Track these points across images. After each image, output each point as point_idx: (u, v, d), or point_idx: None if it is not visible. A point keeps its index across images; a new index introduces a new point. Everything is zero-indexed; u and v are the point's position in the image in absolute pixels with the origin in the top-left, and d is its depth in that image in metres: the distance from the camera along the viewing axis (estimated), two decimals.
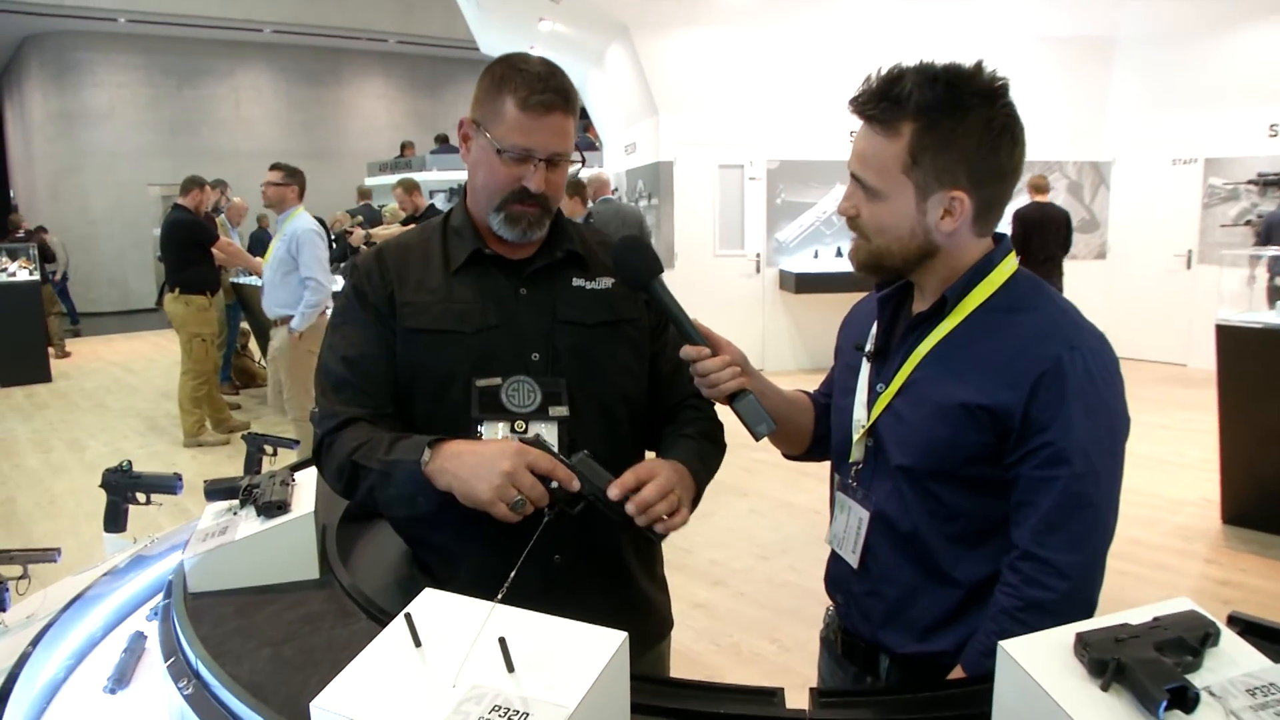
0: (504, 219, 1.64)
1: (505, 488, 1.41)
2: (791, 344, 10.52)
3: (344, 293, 1.75)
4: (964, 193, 1.41)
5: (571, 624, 1.11)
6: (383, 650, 1.09)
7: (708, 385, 1.57)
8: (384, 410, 1.66)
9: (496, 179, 1.63)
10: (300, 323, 6.07)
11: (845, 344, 1.73)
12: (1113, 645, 1.03)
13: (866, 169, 1.46)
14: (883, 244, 1.48)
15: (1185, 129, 10.03)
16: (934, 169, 1.41)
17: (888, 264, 1.50)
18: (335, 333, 1.71)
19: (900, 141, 1.41)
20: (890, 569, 1.55)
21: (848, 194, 1.51)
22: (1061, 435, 1.35)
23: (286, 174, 6.25)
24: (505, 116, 1.59)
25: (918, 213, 1.44)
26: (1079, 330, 1.42)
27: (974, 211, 1.43)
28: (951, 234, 1.45)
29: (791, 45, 10.06)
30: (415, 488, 1.48)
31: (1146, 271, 10.34)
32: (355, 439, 1.58)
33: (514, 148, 1.60)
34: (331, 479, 1.63)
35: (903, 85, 1.39)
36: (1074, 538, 1.36)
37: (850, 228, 1.53)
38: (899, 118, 1.40)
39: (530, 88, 1.58)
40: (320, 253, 6.12)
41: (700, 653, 3.97)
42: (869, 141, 1.45)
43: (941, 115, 1.38)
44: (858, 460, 1.60)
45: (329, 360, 1.69)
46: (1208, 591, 4.60)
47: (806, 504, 5.78)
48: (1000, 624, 1.37)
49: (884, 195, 1.45)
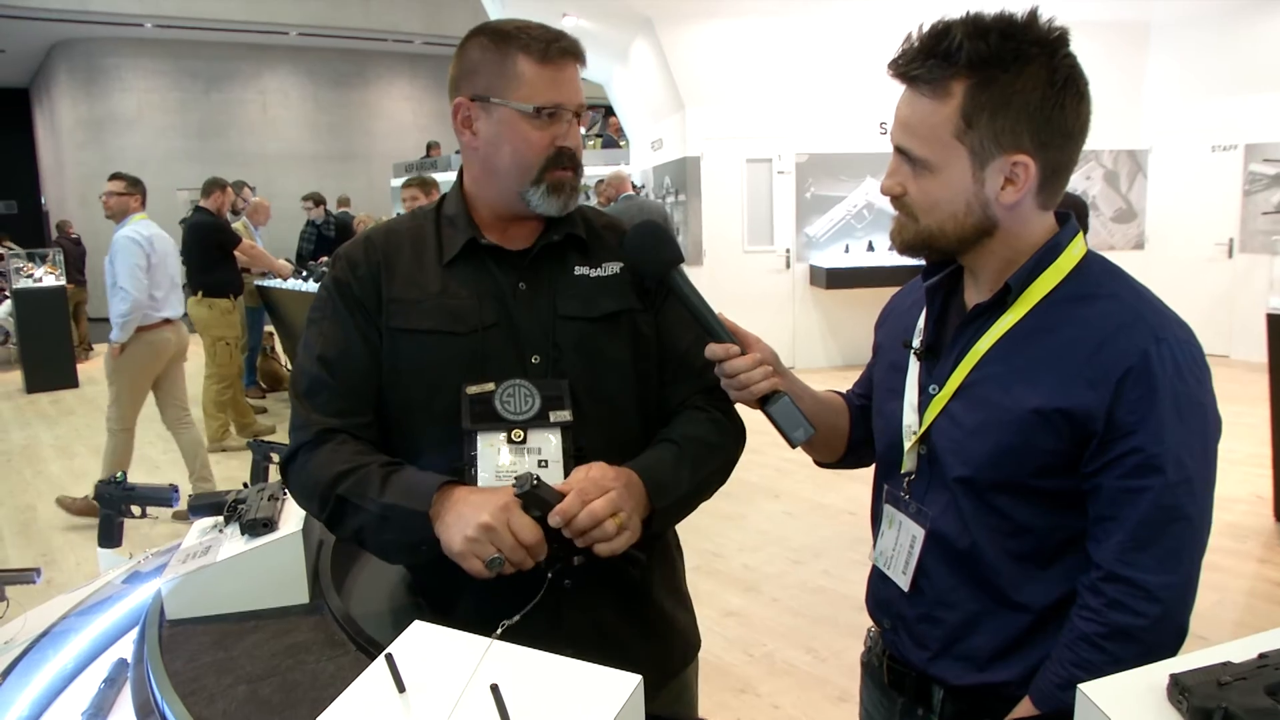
0: (546, 190, 1.49)
1: (481, 543, 1.26)
2: (823, 341, 10.36)
3: (324, 284, 1.57)
4: (1028, 156, 1.25)
5: (578, 665, 0.97)
6: (361, 696, 0.95)
7: (737, 387, 1.42)
8: (363, 418, 1.49)
9: (531, 146, 1.47)
10: (118, 334, 5.78)
11: (888, 340, 1.56)
12: (1216, 690, 0.87)
13: (913, 138, 1.29)
14: (933, 223, 1.31)
15: (1224, 114, 9.78)
16: (992, 131, 1.24)
17: (939, 245, 1.33)
18: (312, 329, 1.54)
19: (951, 103, 1.24)
20: (947, 592, 1.38)
21: (891, 170, 1.34)
22: (1152, 440, 1.20)
23: (128, 184, 6.10)
24: (523, 76, 1.46)
25: (974, 183, 1.27)
26: (1164, 319, 1.26)
27: (1039, 179, 1.27)
28: (1013, 207, 1.28)
29: (819, 35, 9.89)
30: (420, 536, 1.32)
31: (1186, 261, 10.08)
32: (337, 464, 1.40)
33: (548, 104, 1.46)
34: (303, 501, 1.46)
35: (951, 38, 1.23)
36: (1166, 556, 1.21)
37: (895, 207, 1.36)
38: (949, 76, 1.24)
39: (545, 40, 1.46)
40: (133, 261, 5.78)
41: (732, 664, 3.81)
42: (914, 106, 1.29)
43: (998, 69, 1.22)
44: (910, 470, 1.43)
45: (304, 361, 1.52)
46: (1264, 593, 4.42)
47: (840, 506, 5.62)
48: (1079, 652, 1.22)
49: (935, 167, 1.28)
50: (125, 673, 1.53)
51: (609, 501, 1.31)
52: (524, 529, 1.26)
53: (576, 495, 1.30)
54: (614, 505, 1.31)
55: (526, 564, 1.27)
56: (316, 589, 1.48)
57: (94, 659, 1.66)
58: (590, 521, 1.29)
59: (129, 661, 1.54)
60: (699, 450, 1.52)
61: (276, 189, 18.11)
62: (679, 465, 1.48)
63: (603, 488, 1.32)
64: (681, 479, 1.47)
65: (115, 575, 2.02)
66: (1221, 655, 0.94)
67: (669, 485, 1.44)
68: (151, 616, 1.43)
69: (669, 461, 1.47)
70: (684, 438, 1.53)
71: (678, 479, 1.46)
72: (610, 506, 1.31)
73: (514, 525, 1.26)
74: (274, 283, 8.70)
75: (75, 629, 1.72)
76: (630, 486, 1.37)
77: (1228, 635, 1.00)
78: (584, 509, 1.29)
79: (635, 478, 1.40)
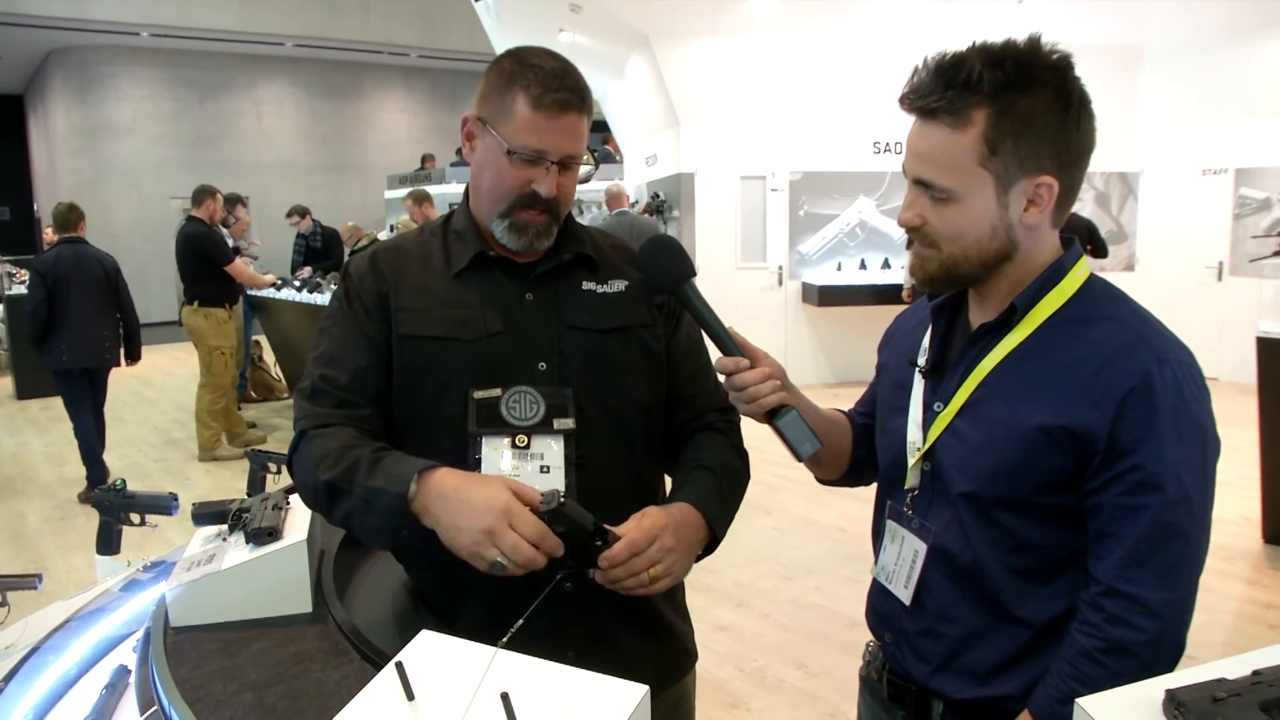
0: (509, 226, 1.52)
1: (485, 545, 1.26)
2: (814, 358, 10.37)
3: (334, 296, 1.62)
4: (1051, 176, 1.28)
5: (586, 675, 0.98)
6: (371, 703, 0.97)
7: (746, 400, 1.44)
8: (363, 410, 1.52)
9: (504, 182, 1.50)
10: None
11: (892, 359, 1.59)
12: (1211, 706, 0.89)
13: (934, 169, 1.31)
14: (957, 251, 1.33)
15: (1215, 139, 9.85)
16: (1016, 155, 1.27)
17: (963, 273, 1.36)
18: (321, 336, 1.59)
19: (973, 131, 1.27)
20: (949, 607, 1.40)
21: (908, 203, 1.36)
22: (1152, 459, 1.22)
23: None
24: (516, 115, 1.47)
25: (999, 208, 1.30)
26: (1165, 342, 1.28)
27: (1059, 197, 1.31)
28: (1034, 227, 1.32)
29: (814, 54, 9.93)
30: (400, 521, 1.33)
31: (1176, 283, 10.12)
32: (328, 448, 1.42)
33: (525, 149, 1.47)
34: (300, 490, 1.49)
35: (968, 68, 1.26)
36: (1165, 572, 1.23)
37: (915, 239, 1.37)
38: (970, 105, 1.27)
39: (544, 85, 1.46)
40: None
41: (724, 679, 3.82)
42: (933, 138, 1.30)
43: (1016, 94, 1.25)
44: (913, 486, 1.45)
45: (311, 364, 1.56)
46: (1251, 615, 4.44)
47: (832, 522, 5.62)
48: (1078, 667, 1.24)
49: (958, 195, 1.30)
50: (126, 679, 1.53)
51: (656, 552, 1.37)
52: (527, 525, 1.27)
53: (627, 546, 1.34)
54: (658, 557, 1.37)
55: (535, 564, 1.27)
56: (320, 598, 1.49)
57: (94, 665, 1.67)
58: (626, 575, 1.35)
59: (129, 668, 1.55)
60: (732, 479, 1.61)
61: (270, 200, 18.10)
62: (724, 495, 1.55)
63: (652, 536, 1.37)
64: (730, 506, 1.56)
65: (114, 582, 2.02)
66: (1216, 672, 0.96)
67: (722, 517, 1.52)
68: (156, 623, 1.44)
69: (714, 493, 1.53)
70: (720, 466, 1.59)
71: (727, 507, 1.55)
72: (650, 562, 1.36)
73: (517, 525, 1.27)
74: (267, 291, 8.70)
75: (76, 635, 1.72)
76: (683, 528, 1.43)
77: (1217, 655, 1.01)
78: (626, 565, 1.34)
79: (691, 515, 1.46)
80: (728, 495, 1.57)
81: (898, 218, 1.41)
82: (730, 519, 1.56)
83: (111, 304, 6.81)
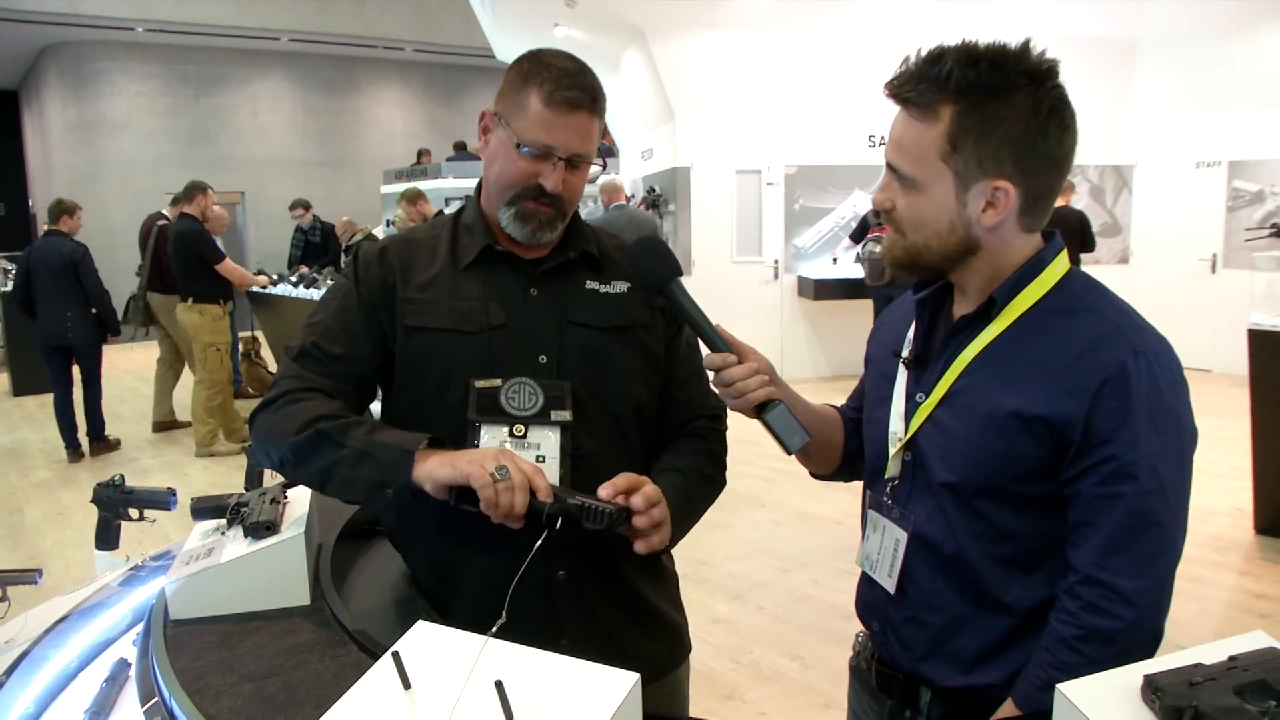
0: (514, 215, 1.56)
1: (488, 459, 1.32)
2: (810, 351, 10.41)
3: (342, 273, 1.68)
4: (1009, 182, 1.30)
5: (577, 663, 1.00)
6: (369, 692, 0.99)
7: (734, 395, 1.46)
8: (346, 385, 1.57)
9: (511, 173, 1.55)
10: None
11: (879, 351, 1.61)
12: (1187, 689, 0.91)
13: (902, 156, 1.35)
14: (920, 240, 1.37)
15: (1209, 131, 9.90)
16: (976, 156, 1.29)
17: (925, 262, 1.39)
18: (321, 306, 1.64)
19: (939, 126, 1.30)
20: (932, 595, 1.43)
21: (883, 185, 1.40)
22: (1127, 449, 1.25)
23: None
24: (529, 111, 1.52)
25: (957, 204, 1.33)
26: (1142, 333, 1.31)
27: (1020, 204, 1.32)
28: (994, 229, 1.34)
29: (809, 49, 9.95)
30: (391, 476, 1.38)
31: (1170, 276, 10.17)
32: (323, 410, 1.48)
33: (535, 144, 1.52)
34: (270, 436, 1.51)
35: (943, 65, 1.28)
36: (1140, 560, 1.25)
37: (886, 222, 1.42)
38: (938, 100, 1.29)
39: (556, 83, 1.51)
40: None
41: (719, 670, 3.85)
42: (905, 127, 1.34)
43: (985, 97, 1.28)
44: (894, 476, 1.48)
45: (305, 330, 1.61)
46: (1243, 605, 4.48)
47: (827, 515, 5.66)
48: (1057, 654, 1.27)
49: (921, 185, 1.34)
50: (126, 671, 1.55)
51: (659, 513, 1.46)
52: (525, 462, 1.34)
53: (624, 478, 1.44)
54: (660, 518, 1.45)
55: (526, 482, 1.32)
56: (317, 590, 1.51)
57: (94, 658, 1.68)
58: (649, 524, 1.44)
59: (130, 661, 1.57)
60: (701, 486, 1.65)
61: (266, 195, 18.08)
62: (690, 499, 1.59)
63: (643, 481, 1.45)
64: (694, 511, 1.61)
65: (112, 577, 2.04)
66: (1193, 658, 0.98)
67: (683, 517, 1.56)
68: (156, 616, 1.45)
69: (681, 492, 1.57)
70: (688, 469, 1.63)
71: (690, 510, 1.59)
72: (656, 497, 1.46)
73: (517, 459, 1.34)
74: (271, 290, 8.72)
75: (76, 629, 1.74)
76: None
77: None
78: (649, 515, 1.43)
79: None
80: (695, 500, 1.62)
81: (872, 198, 1.45)
82: (690, 523, 1.60)
83: (73, 289, 7.65)
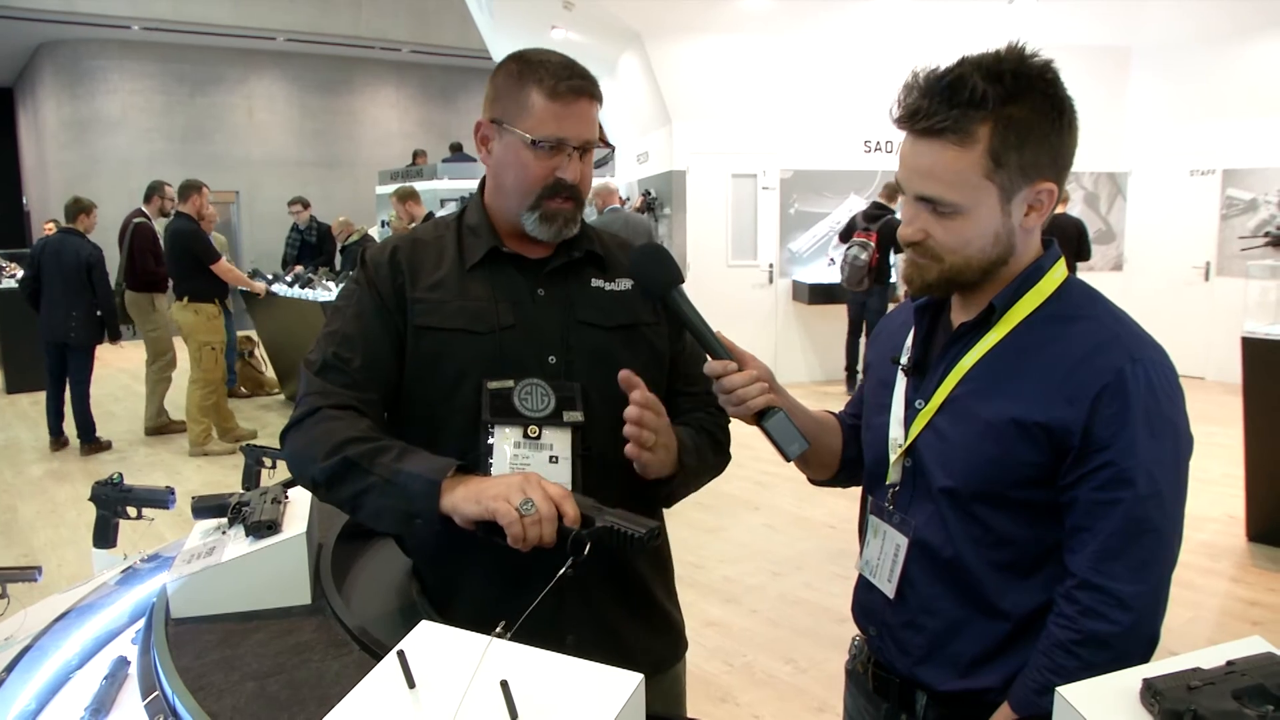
0: (539, 218, 1.57)
1: (514, 490, 1.29)
2: (804, 355, 10.43)
3: (351, 279, 1.67)
4: (1051, 182, 1.33)
5: (581, 664, 1.01)
6: (373, 691, 0.99)
7: (734, 402, 1.47)
8: (372, 394, 1.56)
9: (530, 174, 1.56)
10: None
11: (878, 358, 1.62)
12: (1186, 694, 0.93)
13: (939, 185, 1.33)
14: (960, 260, 1.36)
15: (1203, 139, 9.95)
16: (1019, 165, 1.31)
17: (964, 280, 1.39)
18: (334, 314, 1.63)
19: (978, 147, 1.30)
20: (930, 600, 1.44)
21: (909, 219, 1.38)
22: (1124, 455, 1.26)
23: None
24: (534, 108, 1.54)
25: (1002, 215, 1.34)
26: (1139, 341, 1.32)
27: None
28: (1032, 230, 1.37)
29: (805, 53, 9.97)
30: (420, 505, 1.36)
31: (1164, 283, 10.23)
32: (352, 431, 1.45)
33: (548, 138, 1.54)
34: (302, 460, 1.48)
35: (970, 86, 1.28)
36: (1137, 565, 1.27)
37: (915, 254, 1.40)
38: (975, 122, 1.29)
39: (556, 76, 1.54)
40: None
41: (713, 673, 3.85)
42: (937, 156, 1.32)
43: (1014, 107, 1.29)
44: (894, 482, 1.49)
45: (322, 340, 1.60)
46: (1235, 612, 4.49)
47: (821, 519, 5.66)
48: (1054, 659, 1.28)
49: (964, 209, 1.33)
50: (126, 669, 1.55)
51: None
52: (553, 486, 1.32)
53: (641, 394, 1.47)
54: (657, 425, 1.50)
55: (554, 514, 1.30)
56: (318, 590, 1.52)
57: (93, 656, 1.69)
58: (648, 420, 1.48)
59: (129, 659, 1.58)
60: (707, 442, 1.67)
61: (261, 194, 18.06)
62: (698, 449, 1.61)
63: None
64: (701, 461, 1.62)
65: (110, 575, 2.04)
66: (1192, 662, 0.99)
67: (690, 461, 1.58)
68: (157, 614, 1.46)
69: (691, 445, 1.59)
70: (698, 427, 1.66)
71: (697, 459, 1.61)
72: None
73: (544, 484, 1.31)
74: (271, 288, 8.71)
75: (75, 626, 1.74)
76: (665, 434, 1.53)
77: None
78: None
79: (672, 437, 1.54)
80: (702, 452, 1.64)
81: (899, 235, 1.43)
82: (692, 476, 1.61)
83: (83, 290, 7.74)
